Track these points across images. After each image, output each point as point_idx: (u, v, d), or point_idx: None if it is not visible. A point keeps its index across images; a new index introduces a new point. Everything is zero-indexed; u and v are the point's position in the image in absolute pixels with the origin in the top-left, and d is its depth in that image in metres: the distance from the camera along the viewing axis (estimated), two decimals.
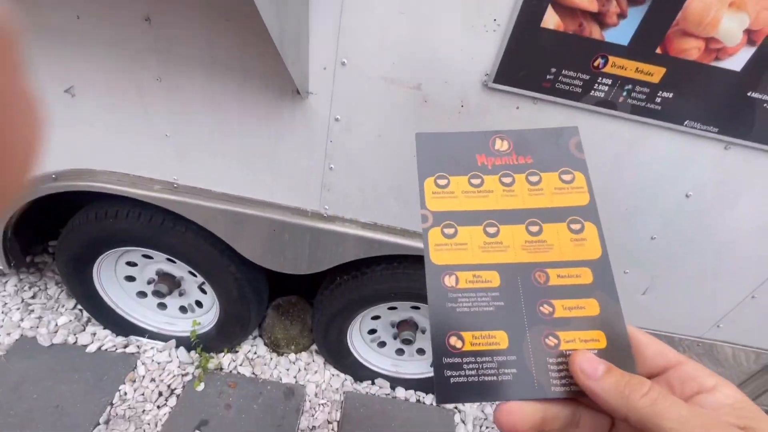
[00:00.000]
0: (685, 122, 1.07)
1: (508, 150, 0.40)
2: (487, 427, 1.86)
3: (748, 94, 1.00)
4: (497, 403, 0.33)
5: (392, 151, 1.21)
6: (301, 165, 1.28)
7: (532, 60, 1.01)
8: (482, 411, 1.93)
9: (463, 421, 1.87)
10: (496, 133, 0.41)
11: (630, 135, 1.11)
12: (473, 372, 0.34)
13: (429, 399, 1.94)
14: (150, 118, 1.22)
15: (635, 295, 1.49)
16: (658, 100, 1.03)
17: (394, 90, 1.10)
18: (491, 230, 0.38)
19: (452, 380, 0.34)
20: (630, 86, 1.02)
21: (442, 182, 0.40)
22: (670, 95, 1.02)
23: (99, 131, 1.26)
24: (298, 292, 2.12)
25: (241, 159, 1.28)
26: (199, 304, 1.85)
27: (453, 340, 0.35)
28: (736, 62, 0.96)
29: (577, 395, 0.32)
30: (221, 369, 1.83)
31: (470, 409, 1.93)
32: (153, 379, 1.72)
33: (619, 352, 0.34)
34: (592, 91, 1.04)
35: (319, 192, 1.33)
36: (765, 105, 1.02)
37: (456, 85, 1.08)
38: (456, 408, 1.92)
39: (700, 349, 1.68)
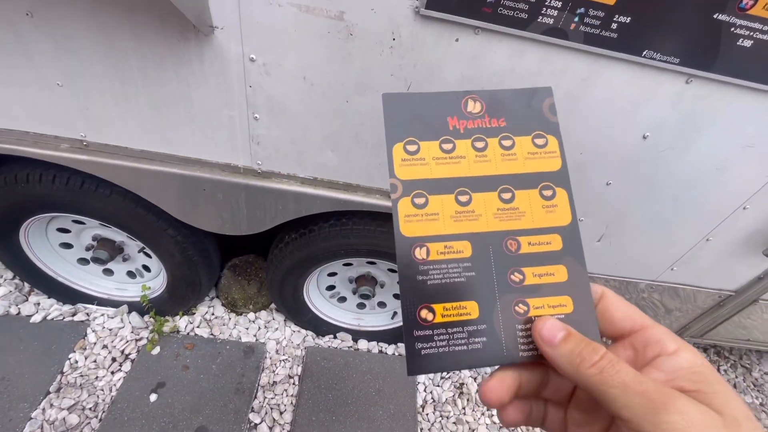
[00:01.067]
0: (644, 52, 0.94)
1: (480, 112, 0.39)
2: (447, 374, 1.91)
3: (715, 16, 0.87)
4: (480, 383, 0.30)
5: (322, 95, 1.07)
6: (222, 116, 1.13)
7: None
8: None
9: None
10: (468, 94, 0.39)
11: (583, 69, 0.99)
12: (444, 343, 0.35)
13: (391, 349, 1.96)
14: (35, 65, 1.04)
15: (591, 242, 1.45)
16: (614, 26, 0.90)
17: (312, 21, 0.93)
18: (463, 198, 0.38)
19: (423, 352, 0.35)
20: (582, 10, 0.88)
21: (411, 148, 0.38)
22: (628, 20, 0.89)
23: None
24: (257, 250, 2.05)
25: (153, 111, 1.12)
26: (147, 268, 1.76)
27: (424, 313, 0.35)
28: None
29: (541, 359, 0.34)
30: (177, 332, 1.80)
31: None
32: (105, 346, 1.68)
33: (584, 316, 0.35)
34: (540, 17, 0.89)
35: (248, 146, 1.20)
36: (732, 29, 0.89)
37: (384, 14, 0.92)
38: None
39: (655, 292, 1.70)
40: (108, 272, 1.77)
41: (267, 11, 0.92)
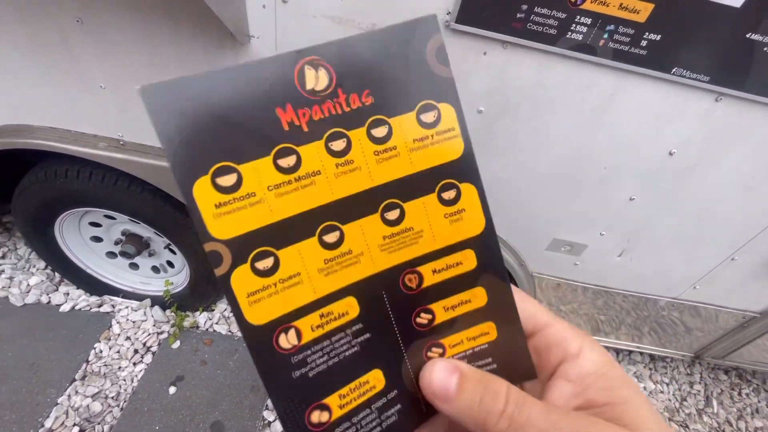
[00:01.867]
0: (673, 70, 0.94)
1: (328, 88, 0.24)
2: None
3: (747, 36, 0.87)
4: None
5: None
6: None
7: None
8: None
9: None
10: (301, 56, 0.24)
11: (610, 85, 0.99)
12: None
13: None
14: (80, 68, 1.10)
15: (611, 257, 1.44)
16: (644, 43, 0.90)
17: (345, 32, 0.96)
18: (330, 238, 0.25)
19: None
20: (612, 26, 0.89)
21: (226, 181, 0.23)
22: (658, 37, 0.89)
23: (28, 85, 1.14)
24: None
25: None
26: (171, 264, 1.82)
27: (315, 416, 0.26)
28: None
29: None
30: (197, 327, 1.85)
31: None
32: (128, 338, 1.74)
33: (512, 340, 0.29)
34: (569, 33, 0.91)
35: None
36: (765, 49, 0.89)
37: None
38: None
39: (675, 310, 1.67)
40: (134, 266, 1.84)
41: (302, 22, 0.96)
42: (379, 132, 0.25)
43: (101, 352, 1.67)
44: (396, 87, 0.25)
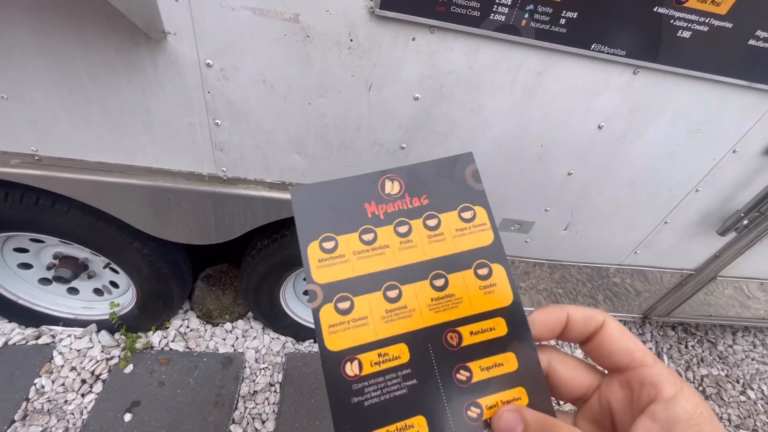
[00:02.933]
0: (593, 46, 0.98)
1: (399, 192, 0.36)
2: None
3: (655, 9, 0.92)
4: None
5: (283, 98, 1.06)
6: (181, 123, 1.10)
7: None
8: None
9: None
10: (384, 174, 0.36)
11: (537, 64, 1.02)
12: None
13: None
14: None
15: (558, 231, 1.50)
16: (563, 21, 0.93)
17: (267, 24, 0.92)
18: (392, 294, 0.34)
19: None
20: (531, 6, 0.90)
21: (328, 245, 0.34)
22: (575, 15, 0.92)
23: None
24: (231, 259, 2.01)
25: (108, 120, 1.09)
26: (114, 284, 1.70)
27: None
28: None
29: None
30: (151, 347, 1.74)
31: None
32: (74, 368, 1.61)
33: (540, 406, 0.32)
34: (492, 14, 0.92)
35: (212, 152, 1.18)
36: (672, 22, 0.94)
37: (340, 15, 0.92)
38: None
39: (626, 276, 1.77)
40: (73, 291, 1.70)
41: (220, 15, 0.91)
42: (432, 222, 0.35)
43: (43, 387, 1.54)
44: (444, 194, 0.36)
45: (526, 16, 0.92)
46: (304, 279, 0.33)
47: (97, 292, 1.72)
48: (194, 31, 0.93)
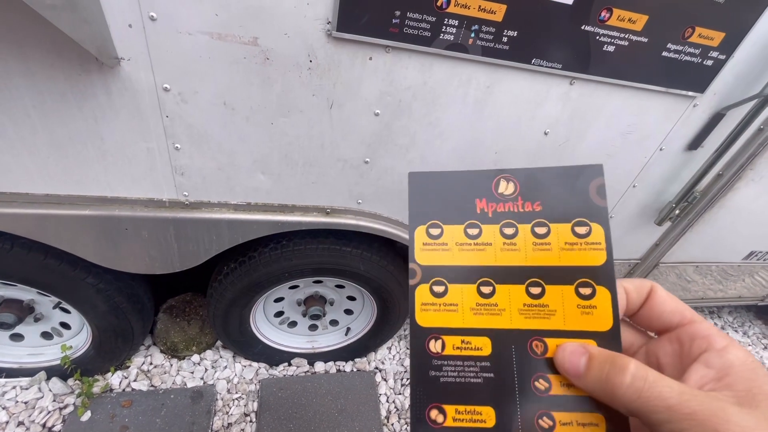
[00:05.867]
0: (533, 60, 1.08)
1: (513, 194, 0.35)
2: (406, 379, 1.94)
3: (582, 27, 1.03)
4: None
5: (245, 119, 1.07)
6: (138, 149, 1.07)
7: (374, 3, 0.91)
8: (402, 364, 2.00)
9: (385, 379, 1.92)
10: (501, 173, 0.36)
11: (486, 78, 1.10)
12: None
13: (349, 366, 1.95)
14: None
15: None
16: (505, 39, 1.02)
17: (226, 47, 0.94)
18: (486, 290, 0.34)
19: None
20: (476, 26, 0.99)
21: (434, 232, 0.36)
22: (515, 33, 1.02)
23: None
24: (193, 287, 1.93)
25: (56, 151, 1.03)
26: (65, 325, 1.58)
27: (434, 414, 0.33)
28: None
29: None
30: (110, 390, 1.62)
31: (390, 365, 1.98)
32: (21, 423, 1.46)
33: None
34: (441, 34, 0.99)
35: (172, 177, 1.15)
36: (598, 38, 1.06)
37: (298, 38, 0.95)
38: (377, 368, 1.96)
39: None
40: (17, 337, 1.56)
41: (176, 40, 0.91)
42: (541, 230, 0.35)
43: None
44: (560, 204, 0.35)
45: (472, 35, 1.00)
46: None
47: (45, 335, 1.59)
48: (150, 56, 0.92)
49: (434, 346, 0.34)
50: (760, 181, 1.57)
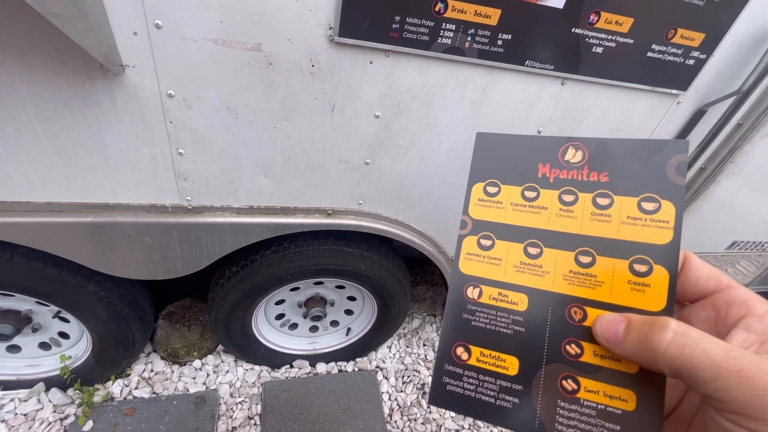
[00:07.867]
0: (527, 62, 1.12)
1: (580, 162, 0.35)
2: (407, 377, 1.97)
3: (572, 30, 1.08)
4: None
5: (249, 124, 1.08)
6: (141, 155, 1.08)
7: (374, 9, 0.94)
8: (402, 362, 2.03)
9: (386, 378, 1.94)
10: (570, 140, 0.36)
11: (481, 80, 1.14)
12: (471, 387, 0.34)
13: (350, 366, 1.96)
14: None
15: None
16: (500, 42, 1.06)
17: (230, 53, 0.95)
18: (533, 251, 0.35)
19: (448, 387, 0.34)
20: (473, 30, 1.02)
21: (492, 190, 0.38)
22: (509, 37, 1.06)
23: None
24: (191, 293, 1.92)
25: (58, 159, 1.04)
26: (64, 335, 1.56)
27: (459, 351, 0.35)
28: (558, 0, 1.02)
29: None
30: (112, 399, 1.61)
31: (391, 364, 2.01)
32: None
33: (647, 418, 0.29)
34: (439, 38, 1.02)
35: (175, 183, 1.16)
36: (587, 39, 1.11)
37: (300, 43, 0.98)
38: (378, 367, 1.98)
39: None
40: (14, 349, 1.53)
41: (181, 47, 0.92)
42: (603, 201, 0.34)
43: None
44: (630, 177, 0.34)
45: (469, 39, 1.04)
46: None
47: (44, 346, 1.57)
48: (155, 63, 0.94)
49: (472, 292, 0.36)
50: (740, 173, 1.65)
